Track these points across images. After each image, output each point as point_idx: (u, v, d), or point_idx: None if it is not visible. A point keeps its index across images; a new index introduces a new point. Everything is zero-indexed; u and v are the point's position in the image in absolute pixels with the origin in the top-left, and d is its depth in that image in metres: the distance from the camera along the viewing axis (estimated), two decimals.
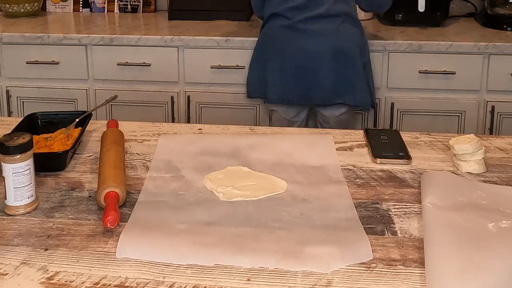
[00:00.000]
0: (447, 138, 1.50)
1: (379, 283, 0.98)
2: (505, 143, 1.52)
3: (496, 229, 1.10)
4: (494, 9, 2.89)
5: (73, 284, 0.98)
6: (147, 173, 1.36)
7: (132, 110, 2.77)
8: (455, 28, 2.87)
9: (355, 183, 1.32)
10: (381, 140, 1.51)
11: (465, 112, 2.66)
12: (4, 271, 1.01)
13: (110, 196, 1.17)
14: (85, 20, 3.14)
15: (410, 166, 1.40)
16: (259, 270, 1.01)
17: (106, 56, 2.78)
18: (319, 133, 1.59)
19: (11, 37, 2.81)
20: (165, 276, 1.00)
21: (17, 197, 1.18)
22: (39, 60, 2.81)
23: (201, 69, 2.73)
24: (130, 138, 1.54)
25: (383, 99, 2.69)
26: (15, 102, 2.87)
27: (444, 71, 2.63)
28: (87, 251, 1.06)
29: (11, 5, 3.08)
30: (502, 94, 2.65)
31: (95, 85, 2.82)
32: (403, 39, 2.65)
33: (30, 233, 1.12)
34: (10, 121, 1.64)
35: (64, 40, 2.77)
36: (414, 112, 2.69)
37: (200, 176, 1.33)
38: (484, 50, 2.60)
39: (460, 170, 1.37)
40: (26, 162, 1.17)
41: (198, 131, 1.60)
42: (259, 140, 1.52)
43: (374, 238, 1.10)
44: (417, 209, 1.21)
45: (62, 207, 1.21)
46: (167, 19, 3.08)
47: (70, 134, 1.47)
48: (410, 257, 1.05)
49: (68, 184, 1.31)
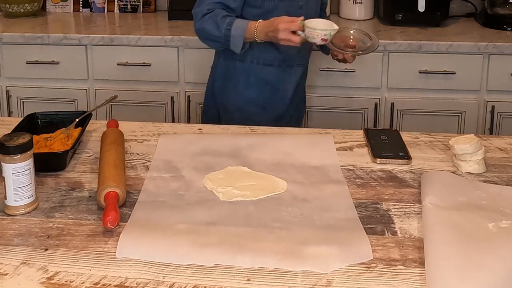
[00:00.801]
0: (447, 138, 1.50)
1: (379, 283, 0.98)
2: (505, 143, 1.52)
3: (496, 229, 1.10)
4: (494, 9, 2.89)
5: (73, 284, 0.98)
6: (147, 173, 1.36)
7: (132, 110, 2.77)
8: (455, 28, 2.87)
9: (355, 183, 1.32)
10: (381, 140, 1.51)
11: (465, 112, 2.66)
12: (4, 271, 1.01)
13: (110, 196, 1.17)
14: (85, 20, 3.13)
15: (410, 166, 1.40)
16: (259, 270, 1.01)
17: (106, 56, 2.77)
18: (319, 133, 1.59)
19: (11, 37, 2.80)
20: (165, 276, 1.00)
21: (17, 197, 1.18)
22: (39, 60, 2.81)
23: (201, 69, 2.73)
24: (130, 138, 1.54)
25: (383, 99, 2.69)
26: (15, 102, 2.87)
27: (444, 71, 2.63)
28: (87, 251, 1.06)
29: (11, 5, 3.08)
30: (502, 94, 2.64)
31: (95, 85, 2.82)
32: (403, 39, 2.65)
33: (30, 233, 1.12)
34: (10, 121, 1.64)
35: (64, 40, 2.77)
36: (414, 112, 2.69)
37: (200, 176, 1.33)
38: (484, 50, 2.59)
39: (460, 170, 1.37)
40: (26, 162, 1.17)
41: (198, 131, 1.60)
42: (259, 140, 1.52)
43: (374, 238, 1.10)
44: (417, 209, 1.21)
45: (62, 207, 1.21)
46: (167, 19, 3.08)
47: (70, 134, 1.47)
48: (410, 257, 1.05)
49: (68, 184, 1.31)
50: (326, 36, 1.82)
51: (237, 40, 1.90)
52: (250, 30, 1.89)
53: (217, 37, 1.92)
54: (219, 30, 1.91)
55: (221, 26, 1.91)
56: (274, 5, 1.96)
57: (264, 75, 2.05)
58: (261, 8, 1.96)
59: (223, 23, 1.91)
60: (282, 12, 1.93)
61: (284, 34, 1.82)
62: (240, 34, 1.90)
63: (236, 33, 1.90)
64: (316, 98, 2.68)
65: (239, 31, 1.90)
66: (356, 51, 1.98)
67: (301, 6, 1.99)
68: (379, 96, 2.69)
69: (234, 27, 1.90)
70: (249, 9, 1.97)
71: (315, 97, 2.68)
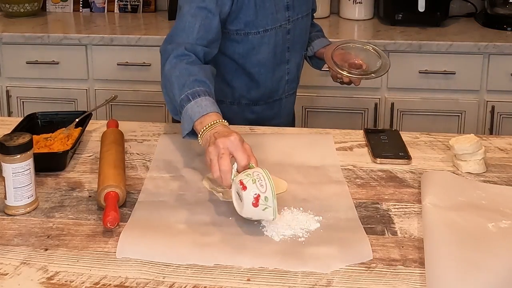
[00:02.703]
0: (447, 138, 1.50)
1: (379, 283, 0.98)
2: (505, 143, 1.52)
3: (496, 229, 1.10)
4: (494, 9, 2.89)
5: (73, 284, 0.98)
6: (147, 173, 1.36)
7: (132, 110, 2.77)
8: (455, 28, 2.87)
9: (355, 183, 1.32)
10: (381, 140, 1.51)
11: (465, 112, 2.66)
12: (4, 271, 1.01)
13: (110, 196, 1.17)
14: (85, 20, 3.13)
15: (410, 166, 1.40)
16: (259, 270, 1.01)
17: (106, 56, 2.77)
18: (319, 133, 1.59)
19: (11, 37, 2.80)
20: (165, 276, 1.00)
21: (17, 197, 1.17)
22: (39, 60, 2.81)
23: None
24: (130, 138, 1.54)
25: (383, 99, 2.69)
26: (15, 102, 2.86)
27: (444, 71, 2.63)
28: (87, 251, 1.06)
29: (11, 5, 3.08)
30: (502, 94, 2.64)
31: (95, 85, 2.82)
32: (403, 39, 2.65)
33: (30, 233, 1.12)
34: (10, 121, 1.64)
35: (64, 40, 2.77)
36: (414, 112, 2.69)
37: (200, 176, 1.33)
38: (484, 50, 2.59)
39: (460, 170, 1.37)
40: (26, 162, 1.17)
41: None
42: (259, 140, 1.52)
43: (374, 238, 1.10)
44: (417, 209, 1.21)
45: (62, 207, 1.21)
46: (167, 19, 3.08)
47: (70, 134, 1.47)
48: (410, 257, 1.05)
49: (68, 184, 1.31)
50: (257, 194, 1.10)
51: (186, 122, 1.32)
52: (197, 127, 1.28)
53: (172, 97, 1.38)
54: (180, 91, 1.35)
55: (183, 89, 1.35)
56: (260, 38, 1.61)
57: (250, 115, 1.73)
58: (245, 43, 1.60)
59: (187, 88, 1.34)
60: (269, 45, 1.62)
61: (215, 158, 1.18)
62: (190, 120, 1.30)
63: (186, 115, 1.31)
64: (316, 98, 2.68)
65: (193, 114, 1.30)
66: (366, 73, 1.64)
67: (289, 31, 1.66)
68: (379, 96, 2.69)
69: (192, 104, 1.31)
70: (232, 44, 1.61)
71: (315, 97, 2.68)
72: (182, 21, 1.53)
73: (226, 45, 1.61)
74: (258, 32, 1.61)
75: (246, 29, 1.60)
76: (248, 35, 1.60)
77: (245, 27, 1.59)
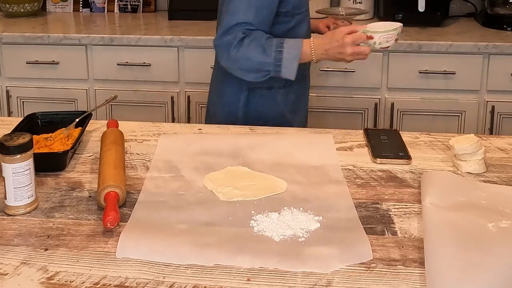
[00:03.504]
0: (447, 138, 1.50)
1: (379, 283, 0.98)
2: (505, 143, 1.52)
3: (496, 229, 1.09)
4: (494, 9, 2.89)
5: (73, 284, 0.98)
6: (147, 173, 1.36)
7: (132, 110, 2.77)
8: (455, 28, 2.87)
9: (355, 183, 1.32)
10: (381, 140, 1.51)
11: (465, 112, 2.66)
12: (4, 271, 1.01)
13: (110, 196, 1.17)
14: (85, 20, 3.14)
15: (410, 166, 1.40)
16: (259, 270, 1.01)
17: (106, 56, 2.78)
18: (319, 133, 1.59)
19: (11, 37, 2.80)
20: (165, 276, 1.00)
21: (17, 197, 1.17)
22: (39, 60, 2.81)
23: (201, 69, 2.73)
24: (130, 138, 1.54)
25: (383, 99, 2.69)
26: (15, 102, 2.87)
27: (444, 71, 2.63)
28: (87, 251, 1.06)
29: (11, 5, 3.08)
30: (502, 94, 2.64)
31: (95, 85, 2.82)
32: (403, 39, 2.65)
33: (30, 233, 1.12)
34: (10, 121, 1.64)
35: (64, 40, 2.77)
36: (414, 112, 2.69)
37: (200, 176, 1.33)
38: (484, 50, 2.59)
39: (460, 170, 1.37)
40: (26, 162, 1.17)
41: (198, 131, 1.60)
42: (259, 140, 1.52)
43: (374, 238, 1.10)
44: (417, 209, 1.21)
45: (62, 207, 1.21)
46: (167, 19, 3.08)
47: (70, 134, 1.47)
48: (410, 257, 1.05)
49: (68, 184, 1.31)
50: (398, 35, 1.68)
51: (291, 64, 1.62)
52: (306, 50, 1.65)
53: (264, 64, 1.63)
54: (267, 55, 1.62)
55: (268, 49, 1.62)
56: (302, 17, 1.79)
57: (291, 96, 1.87)
58: (290, 23, 1.76)
59: (270, 46, 1.63)
60: (306, 23, 1.81)
61: (353, 48, 1.64)
62: (294, 56, 1.62)
63: (289, 55, 1.62)
64: (316, 98, 2.68)
65: (293, 52, 1.63)
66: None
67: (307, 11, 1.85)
68: (379, 96, 2.69)
69: (286, 48, 1.63)
70: (277, 27, 1.74)
71: (315, 97, 2.68)
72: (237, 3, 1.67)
73: (273, 27, 1.74)
74: (301, 12, 1.79)
75: (294, 10, 1.76)
76: (294, 16, 1.77)
77: (294, 8, 1.76)
